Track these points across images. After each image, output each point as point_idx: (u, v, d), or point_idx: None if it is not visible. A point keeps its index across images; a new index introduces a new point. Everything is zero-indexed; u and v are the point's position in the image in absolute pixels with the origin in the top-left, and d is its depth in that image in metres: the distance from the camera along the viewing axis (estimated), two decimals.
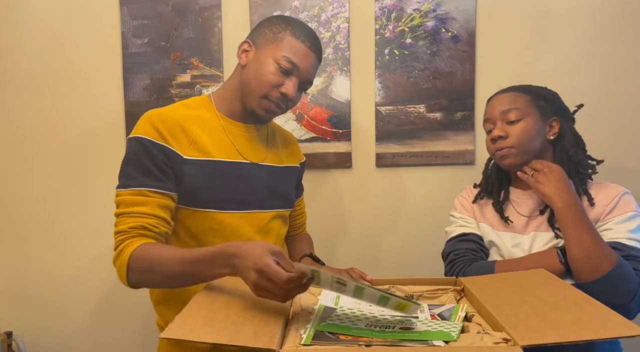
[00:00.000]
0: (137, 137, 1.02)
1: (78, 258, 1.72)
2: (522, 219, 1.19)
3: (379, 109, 1.66)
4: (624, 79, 1.63)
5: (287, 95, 1.07)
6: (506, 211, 1.22)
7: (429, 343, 0.73)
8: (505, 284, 0.95)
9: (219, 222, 1.08)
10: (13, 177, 1.70)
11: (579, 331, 0.70)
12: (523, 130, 1.14)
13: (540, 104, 1.17)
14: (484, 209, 1.26)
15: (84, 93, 1.68)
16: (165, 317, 1.13)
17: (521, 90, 1.19)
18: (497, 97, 1.21)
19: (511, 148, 1.15)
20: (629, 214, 1.09)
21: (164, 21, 1.65)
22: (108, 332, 1.75)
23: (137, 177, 1.00)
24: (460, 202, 1.31)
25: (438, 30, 1.63)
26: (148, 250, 0.94)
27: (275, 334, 0.73)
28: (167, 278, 0.93)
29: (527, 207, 1.20)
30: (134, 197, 0.99)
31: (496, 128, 1.17)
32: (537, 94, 1.18)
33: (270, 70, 1.06)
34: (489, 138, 1.19)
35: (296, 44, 1.07)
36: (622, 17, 1.60)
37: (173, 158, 1.02)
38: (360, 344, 0.72)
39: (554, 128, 1.19)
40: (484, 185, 1.28)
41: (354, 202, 1.71)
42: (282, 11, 1.64)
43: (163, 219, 1.00)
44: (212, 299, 0.85)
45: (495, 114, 1.18)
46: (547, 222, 1.15)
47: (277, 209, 1.18)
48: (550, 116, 1.18)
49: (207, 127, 1.08)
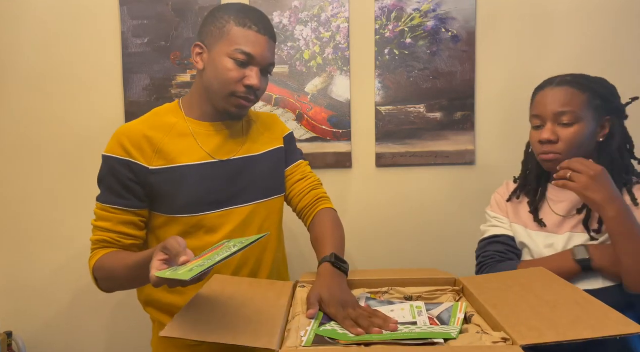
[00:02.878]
0: (105, 155, 1.06)
1: (78, 258, 1.72)
2: (558, 218, 1.13)
3: (379, 109, 1.66)
4: (624, 79, 1.62)
5: (252, 87, 1.06)
6: (541, 209, 1.16)
7: (429, 342, 0.73)
8: (504, 284, 0.94)
9: (194, 225, 1.08)
10: (13, 177, 1.70)
11: (578, 330, 0.70)
12: (575, 135, 1.06)
13: (597, 104, 1.08)
14: (518, 207, 1.20)
15: (84, 93, 1.68)
16: (155, 316, 1.16)
17: (578, 86, 1.08)
18: (551, 92, 1.09)
19: (559, 154, 1.07)
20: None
21: (164, 21, 1.65)
22: (108, 331, 1.75)
23: (104, 194, 1.07)
24: (496, 200, 1.25)
25: (438, 30, 1.63)
26: (103, 261, 1.03)
27: (275, 334, 0.74)
28: (125, 282, 1.03)
29: (564, 206, 1.13)
30: (100, 212, 1.06)
31: (546, 129, 1.08)
32: (595, 92, 1.08)
33: (227, 67, 1.04)
34: (537, 138, 1.10)
35: (244, 32, 1.04)
36: (622, 17, 1.60)
37: (139, 171, 1.04)
38: (361, 344, 0.72)
39: (605, 129, 1.10)
40: (522, 182, 1.22)
41: (354, 202, 1.71)
42: (282, 11, 1.64)
43: (124, 234, 1.06)
44: (212, 298, 0.85)
45: (547, 113, 1.08)
46: (583, 224, 1.09)
47: (258, 200, 1.14)
48: (604, 116, 1.09)
49: (173, 132, 1.08)
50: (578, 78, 1.10)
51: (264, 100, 1.67)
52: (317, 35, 1.65)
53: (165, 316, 1.12)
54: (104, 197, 1.06)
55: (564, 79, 1.10)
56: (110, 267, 1.01)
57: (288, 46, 1.65)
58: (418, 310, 0.89)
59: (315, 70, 1.66)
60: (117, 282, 1.03)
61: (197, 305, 0.81)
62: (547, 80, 1.14)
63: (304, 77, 1.66)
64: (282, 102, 1.67)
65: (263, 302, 0.83)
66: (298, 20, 1.65)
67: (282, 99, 1.67)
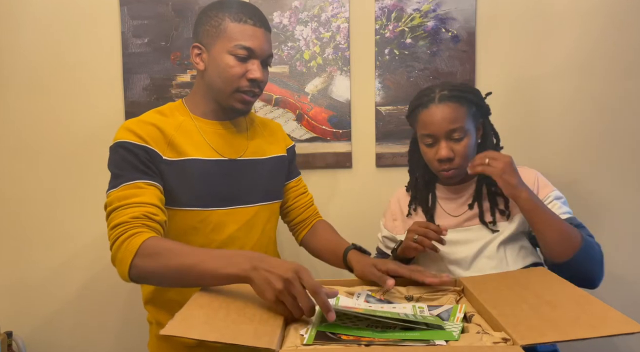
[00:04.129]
0: (117, 142, 1.03)
1: (78, 258, 1.72)
2: (452, 219, 1.20)
3: (379, 109, 1.66)
4: (624, 79, 1.63)
5: (256, 80, 1.07)
6: (435, 214, 1.23)
7: (430, 343, 0.73)
8: (504, 284, 0.95)
9: (201, 220, 1.08)
10: (13, 177, 1.70)
11: (578, 330, 0.70)
12: (467, 148, 1.13)
13: (473, 112, 1.15)
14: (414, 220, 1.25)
15: (84, 93, 1.68)
16: (154, 315, 1.15)
17: (457, 100, 1.13)
18: (437, 110, 1.12)
19: (457, 168, 1.14)
20: (553, 193, 1.14)
21: (164, 21, 1.65)
22: (108, 331, 1.75)
23: (126, 174, 0.99)
24: (387, 219, 1.32)
25: (438, 31, 1.63)
26: (159, 241, 0.92)
27: (275, 334, 0.73)
28: (174, 271, 0.88)
29: (455, 205, 1.21)
30: (128, 191, 0.97)
31: (442, 148, 1.12)
32: (470, 101, 1.14)
33: (229, 64, 1.05)
34: (434, 156, 1.15)
35: (240, 27, 1.04)
36: (622, 17, 1.60)
37: (154, 157, 1.02)
38: (361, 344, 0.72)
39: (480, 131, 1.20)
40: (413, 193, 1.27)
41: (354, 202, 1.71)
42: (282, 11, 1.64)
43: (161, 209, 0.99)
44: (212, 297, 0.85)
45: (440, 132, 1.12)
46: (480, 220, 1.17)
47: (261, 203, 1.17)
48: (478, 120, 1.18)
49: (181, 129, 1.09)
50: (454, 92, 1.14)
51: (264, 100, 1.67)
52: (317, 35, 1.65)
53: (165, 315, 1.11)
54: (129, 176, 0.98)
55: (442, 95, 1.13)
56: (170, 247, 0.89)
57: (288, 46, 1.65)
58: (420, 310, 0.90)
59: (315, 70, 1.66)
60: (164, 268, 0.89)
61: (197, 304, 0.81)
62: (424, 97, 1.16)
63: (304, 77, 1.66)
64: (282, 102, 1.67)
65: (262, 302, 0.83)
66: (298, 20, 1.65)
67: (282, 99, 1.67)
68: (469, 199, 1.20)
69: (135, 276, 0.92)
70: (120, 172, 1.00)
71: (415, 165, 1.29)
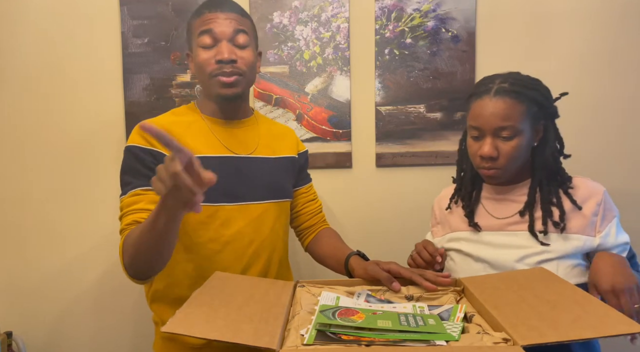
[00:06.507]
0: (127, 146, 1.09)
1: (78, 258, 1.72)
2: (495, 221, 1.14)
3: (379, 109, 1.66)
4: (623, 79, 1.63)
5: (222, 60, 1.08)
6: (477, 212, 1.17)
7: (430, 343, 0.73)
8: (504, 284, 0.94)
9: (210, 215, 1.10)
10: (13, 177, 1.70)
11: (578, 330, 0.70)
12: (515, 149, 1.05)
13: (534, 112, 1.06)
14: (455, 215, 1.21)
15: (84, 93, 1.68)
16: (159, 314, 1.15)
17: (516, 96, 1.04)
18: (490, 103, 1.05)
19: (500, 169, 1.07)
20: (615, 220, 1.07)
21: (164, 21, 1.65)
22: (108, 332, 1.75)
23: (131, 182, 1.06)
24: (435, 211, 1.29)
25: (438, 30, 1.63)
26: (129, 234, 0.98)
27: (276, 334, 0.74)
28: (144, 245, 0.91)
29: (499, 206, 1.15)
30: (130, 199, 1.04)
31: (486, 144, 1.05)
32: (533, 100, 1.06)
33: (199, 55, 1.10)
34: (477, 151, 1.08)
35: (199, 19, 1.10)
36: (622, 18, 1.60)
37: (160, 159, 1.06)
38: (361, 344, 0.72)
39: (539, 133, 1.10)
40: (458, 185, 1.23)
41: (354, 202, 1.71)
42: (282, 11, 1.64)
43: None
44: (212, 296, 0.85)
45: (487, 127, 1.05)
46: (529, 231, 1.08)
47: (271, 200, 1.19)
48: (539, 121, 1.09)
49: (192, 129, 1.13)
50: (515, 86, 1.05)
51: (264, 100, 1.67)
52: (317, 35, 1.65)
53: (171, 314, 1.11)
54: (133, 183, 1.05)
55: (500, 87, 1.05)
56: (135, 232, 0.93)
57: (288, 46, 1.65)
58: (420, 310, 0.90)
59: (315, 70, 1.66)
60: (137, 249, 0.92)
61: (198, 302, 0.81)
62: (482, 86, 1.09)
63: (304, 77, 1.66)
64: (282, 102, 1.67)
65: (264, 301, 0.83)
66: (298, 20, 1.65)
67: (282, 99, 1.67)
68: (516, 202, 1.12)
69: (134, 273, 0.97)
70: (127, 178, 1.07)
71: (463, 156, 1.21)
